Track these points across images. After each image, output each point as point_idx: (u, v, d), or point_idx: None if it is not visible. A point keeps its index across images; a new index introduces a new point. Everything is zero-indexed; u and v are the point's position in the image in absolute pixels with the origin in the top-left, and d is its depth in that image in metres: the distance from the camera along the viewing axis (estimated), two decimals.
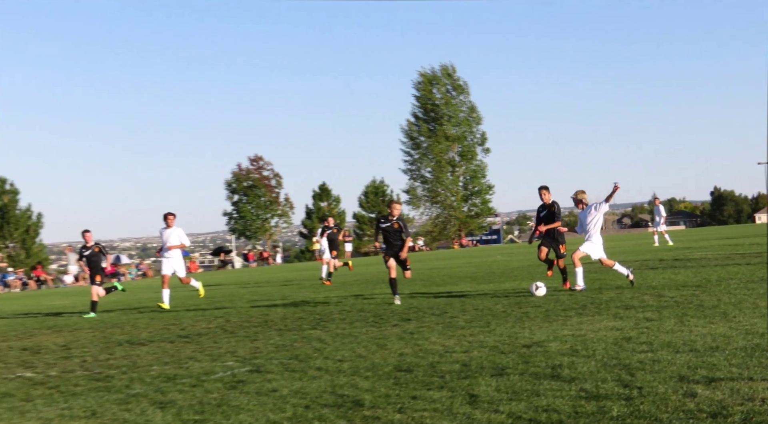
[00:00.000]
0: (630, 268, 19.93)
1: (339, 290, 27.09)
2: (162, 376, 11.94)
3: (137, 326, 20.00)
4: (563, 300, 17.95)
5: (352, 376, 10.65)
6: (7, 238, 75.95)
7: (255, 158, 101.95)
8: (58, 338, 18.55)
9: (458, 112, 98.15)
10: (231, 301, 26.50)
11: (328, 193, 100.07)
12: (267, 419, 8.49)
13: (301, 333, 15.84)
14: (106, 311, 25.92)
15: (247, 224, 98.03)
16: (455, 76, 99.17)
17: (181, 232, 24.97)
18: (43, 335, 19.79)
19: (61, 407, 10.19)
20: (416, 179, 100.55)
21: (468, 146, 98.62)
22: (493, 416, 7.87)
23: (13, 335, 20.21)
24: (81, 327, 20.95)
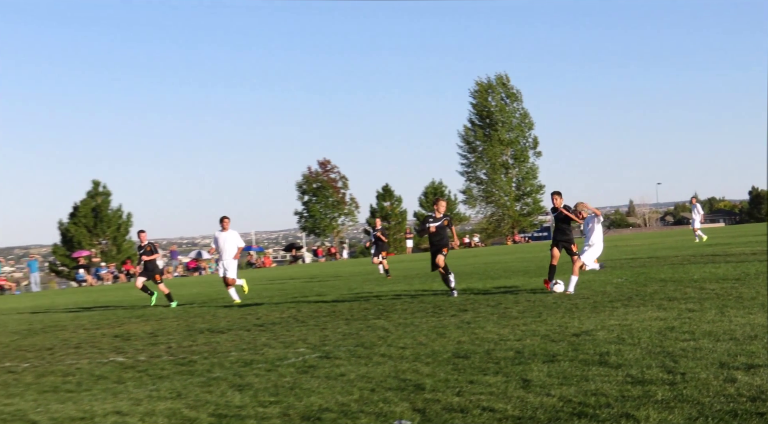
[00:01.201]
0: (563, 284, 19.32)
1: (401, 283, 27.09)
2: (240, 361, 12.03)
3: (217, 315, 20.16)
4: (610, 292, 17.80)
5: (414, 362, 10.65)
6: (100, 235, 76.91)
7: (323, 162, 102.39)
8: (146, 327, 18.77)
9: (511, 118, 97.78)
10: (302, 293, 26.62)
11: (391, 194, 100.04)
12: (336, 401, 8.51)
13: (366, 323, 15.86)
14: (188, 303, 26.16)
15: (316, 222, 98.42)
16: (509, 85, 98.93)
17: (236, 234, 24.38)
18: (133, 323, 20.04)
19: (150, 388, 10.30)
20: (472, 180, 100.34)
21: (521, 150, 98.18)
22: (545, 400, 7.82)
23: (106, 324, 20.49)
24: (166, 317, 21.17)
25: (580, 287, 19.19)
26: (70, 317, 24.49)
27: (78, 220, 76.96)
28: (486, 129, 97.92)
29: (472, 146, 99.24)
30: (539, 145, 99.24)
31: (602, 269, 19.52)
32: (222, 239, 24.08)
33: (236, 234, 24.29)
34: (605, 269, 21.14)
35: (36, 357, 14.73)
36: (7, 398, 10.46)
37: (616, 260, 30.76)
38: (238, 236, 24.41)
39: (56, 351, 15.41)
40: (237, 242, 24.19)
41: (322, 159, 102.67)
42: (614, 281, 20.58)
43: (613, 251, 39.09)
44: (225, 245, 24.06)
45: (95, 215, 77.72)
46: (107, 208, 78.76)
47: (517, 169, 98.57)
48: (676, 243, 42.26)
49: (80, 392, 10.43)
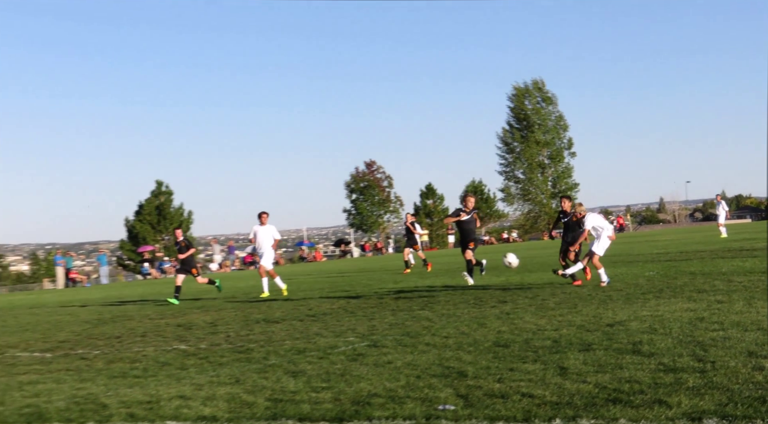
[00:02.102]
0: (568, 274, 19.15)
1: (443, 276, 27.05)
2: (293, 349, 12.09)
3: (272, 306, 20.27)
4: (642, 285, 17.66)
5: (457, 350, 10.64)
6: (163, 232, 77.68)
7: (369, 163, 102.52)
8: (206, 316, 18.91)
9: (547, 120, 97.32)
10: (351, 285, 26.67)
11: (434, 192, 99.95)
12: (384, 387, 8.52)
13: (411, 313, 15.87)
14: (245, 294, 26.30)
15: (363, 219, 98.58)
16: (545, 89, 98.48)
17: (274, 229, 24.21)
18: (194, 313, 20.19)
19: (210, 374, 10.38)
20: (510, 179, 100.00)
21: (556, 150, 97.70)
22: (581, 386, 7.79)
23: (169, 314, 20.67)
24: (225, 307, 21.31)
25: (614, 280, 19.04)
26: (136, 307, 24.75)
27: (143, 217, 77.81)
28: (523, 131, 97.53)
29: (510, 147, 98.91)
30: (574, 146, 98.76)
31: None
32: (261, 232, 24.06)
33: (273, 228, 24.23)
34: None
35: (106, 345, 14.90)
36: (80, 382, 10.59)
37: (648, 254, 30.51)
38: (275, 229, 24.34)
39: (124, 339, 15.57)
40: (274, 234, 24.12)
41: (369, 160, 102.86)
42: (646, 274, 20.42)
43: (645, 246, 38.77)
44: (263, 238, 24.02)
45: (159, 212, 78.52)
46: (170, 206, 79.53)
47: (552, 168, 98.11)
48: (705, 238, 41.80)
49: (146, 378, 10.53)
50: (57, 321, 21.75)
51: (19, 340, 17.18)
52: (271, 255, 24.16)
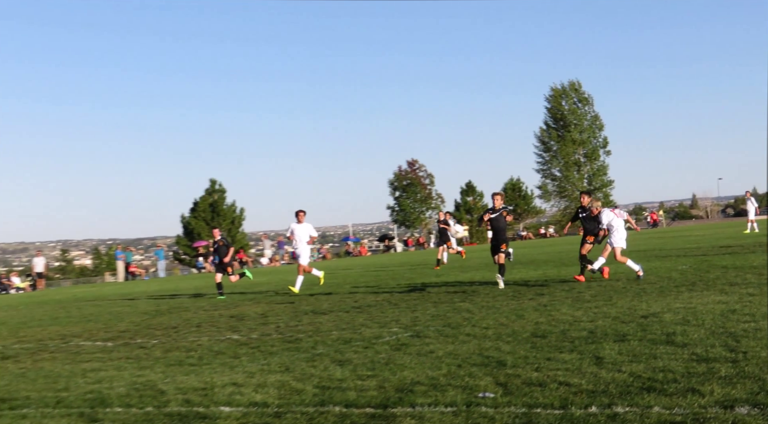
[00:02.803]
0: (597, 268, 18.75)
1: (482, 270, 26.96)
2: (340, 339, 12.11)
3: (319, 299, 20.33)
4: (675, 278, 17.48)
5: (496, 341, 10.60)
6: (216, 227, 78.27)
7: (412, 162, 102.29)
8: (257, 308, 19.01)
9: (583, 120, 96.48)
10: (394, 279, 26.69)
11: (473, 190, 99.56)
12: (426, 376, 8.51)
13: (452, 305, 15.84)
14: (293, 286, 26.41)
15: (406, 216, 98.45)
16: (581, 90, 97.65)
17: (310, 226, 23.90)
18: (246, 305, 20.31)
19: (261, 363, 10.44)
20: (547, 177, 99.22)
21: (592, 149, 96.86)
22: (616, 375, 7.73)
23: (222, 306, 20.81)
24: (275, 299, 21.42)
25: (648, 273, 18.86)
26: (191, 299, 24.95)
27: (198, 214, 78.34)
28: (560, 130, 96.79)
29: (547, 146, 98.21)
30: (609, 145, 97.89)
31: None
32: (297, 230, 23.81)
33: (310, 226, 23.91)
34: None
35: (163, 334, 15.03)
36: (140, 370, 10.70)
37: (680, 248, 30.19)
38: (312, 227, 24.00)
39: (180, 329, 15.70)
40: (310, 232, 23.81)
41: (411, 159, 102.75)
42: (679, 268, 20.21)
43: (678, 241, 38.36)
44: (300, 235, 23.76)
45: (212, 209, 78.99)
46: (223, 203, 79.97)
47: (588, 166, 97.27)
48: (736, 233, 41.23)
49: (201, 366, 10.62)
50: (117, 312, 21.99)
51: (83, 330, 17.39)
52: (307, 252, 24.00)
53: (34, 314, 24.38)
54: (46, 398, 9.15)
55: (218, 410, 7.71)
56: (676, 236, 46.05)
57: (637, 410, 6.42)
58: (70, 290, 48.41)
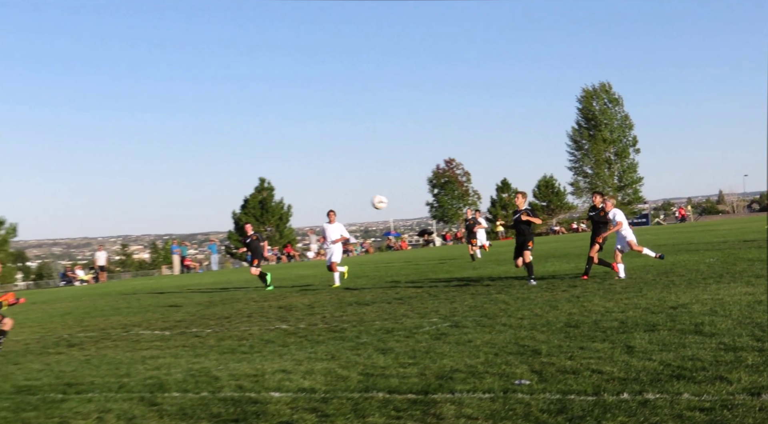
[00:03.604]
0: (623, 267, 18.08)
1: None
2: (383, 329, 12.13)
3: (363, 291, 20.36)
4: (703, 271, 17.28)
5: (531, 330, 10.56)
6: (266, 223, 78.51)
7: (449, 160, 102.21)
8: (305, 299, 19.08)
9: (613, 120, 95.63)
10: (433, 272, 26.66)
11: (508, 187, 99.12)
12: (465, 364, 8.50)
13: (489, 297, 15.79)
14: None
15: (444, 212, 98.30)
16: (611, 91, 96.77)
17: (341, 226, 23.81)
18: (294, 297, 20.39)
19: (309, 351, 10.48)
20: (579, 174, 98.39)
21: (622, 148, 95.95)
22: (647, 364, 7.66)
23: (271, 297, 20.91)
24: (321, 291, 21.48)
25: (677, 266, 18.67)
26: (242, 291, 25.11)
27: (248, 210, 78.88)
28: (591, 130, 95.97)
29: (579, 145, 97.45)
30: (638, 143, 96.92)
31: None
32: (329, 230, 23.71)
33: (341, 225, 23.81)
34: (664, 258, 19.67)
35: (216, 324, 15.14)
36: (195, 357, 10.79)
37: (708, 242, 29.81)
38: (343, 227, 23.90)
39: (232, 319, 15.80)
40: (341, 231, 23.71)
41: (448, 158, 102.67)
42: (706, 261, 19.97)
43: (705, 235, 37.90)
44: (330, 235, 23.66)
45: (261, 206, 79.48)
46: (271, 200, 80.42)
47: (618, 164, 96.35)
48: (760, 227, 40.63)
49: (252, 354, 10.68)
50: (174, 303, 22.19)
51: (142, 319, 17.57)
52: (338, 251, 23.77)
53: (97, 304, 24.70)
54: (109, 383, 9.27)
55: (269, 395, 7.75)
56: (703, 231, 45.49)
57: (668, 397, 6.37)
58: (129, 283, 48.98)
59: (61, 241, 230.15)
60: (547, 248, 37.22)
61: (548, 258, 27.88)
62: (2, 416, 7.89)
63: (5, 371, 11.00)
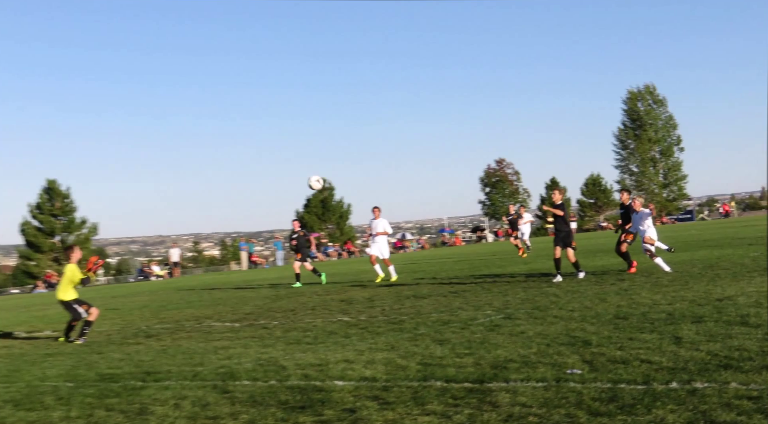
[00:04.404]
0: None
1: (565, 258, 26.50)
2: (439, 321, 12.10)
3: (420, 285, 20.34)
4: (747, 264, 16.91)
5: (581, 322, 10.44)
6: (327, 221, 78.99)
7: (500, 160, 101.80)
8: (364, 293, 19.12)
9: (658, 120, 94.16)
10: (486, 266, 26.53)
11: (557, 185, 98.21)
12: (518, 354, 8.44)
13: (540, 290, 15.66)
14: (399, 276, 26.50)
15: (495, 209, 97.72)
16: (655, 93, 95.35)
17: (386, 222, 23.59)
18: (354, 290, 20.45)
19: (369, 342, 10.50)
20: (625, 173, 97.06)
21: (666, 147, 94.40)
22: (695, 354, 7.52)
23: (333, 291, 20.99)
24: (380, 285, 21.50)
25: (722, 260, 18.30)
26: (306, 285, 25.25)
27: (310, 209, 79.46)
28: (636, 130, 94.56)
29: (625, 144, 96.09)
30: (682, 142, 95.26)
31: None
32: (373, 225, 23.71)
33: (385, 221, 23.64)
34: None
35: (282, 316, 15.25)
36: (263, 348, 10.89)
37: (752, 237, 29.15)
38: (387, 222, 23.69)
39: (297, 312, 15.90)
40: (385, 227, 23.55)
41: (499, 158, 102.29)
42: (751, 255, 19.54)
43: (749, 230, 37.09)
44: (376, 230, 23.61)
45: (323, 205, 79.96)
46: (332, 200, 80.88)
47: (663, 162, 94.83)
48: None
49: (317, 344, 10.74)
50: (242, 297, 22.42)
51: (213, 312, 17.78)
52: (383, 245, 23.63)
53: (172, 298, 25.06)
54: (184, 371, 9.40)
55: (333, 383, 7.79)
56: (747, 226, 44.53)
57: (716, 386, 6.24)
58: (201, 278, 49.61)
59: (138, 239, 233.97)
60: (595, 243, 36.79)
61: (596, 253, 27.54)
62: (88, 402, 8.05)
63: (89, 360, 11.23)
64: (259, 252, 75.31)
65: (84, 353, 12.13)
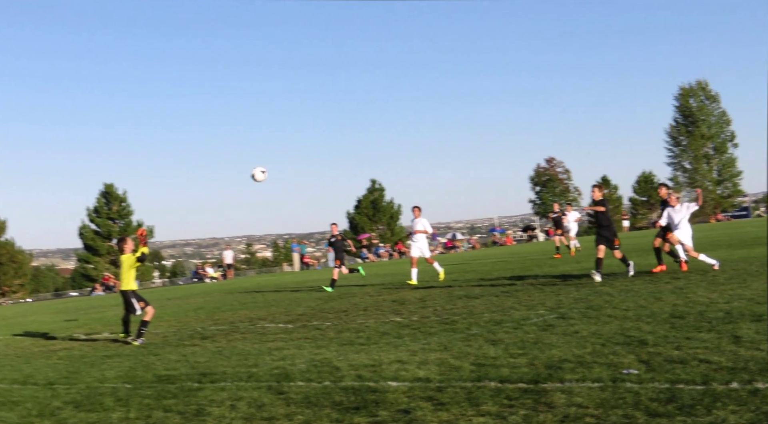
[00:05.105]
0: (717, 260, 17.32)
1: None
2: (492, 321, 12.01)
3: (471, 285, 20.23)
4: None
5: (636, 321, 10.27)
6: (377, 222, 79.13)
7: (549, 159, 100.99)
8: (417, 293, 19.06)
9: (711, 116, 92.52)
10: (538, 265, 26.28)
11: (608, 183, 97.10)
12: (573, 354, 8.33)
13: (593, 289, 15.46)
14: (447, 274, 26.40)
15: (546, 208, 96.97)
16: (708, 88, 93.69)
17: (426, 221, 23.34)
18: (406, 291, 20.41)
19: (422, 342, 10.46)
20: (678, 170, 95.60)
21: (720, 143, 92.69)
22: (755, 353, 7.34)
23: (385, 291, 20.98)
24: (431, 286, 21.42)
25: None
26: (358, 286, 25.30)
27: (361, 210, 79.65)
28: (689, 127, 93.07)
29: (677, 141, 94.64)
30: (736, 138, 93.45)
31: None
32: (413, 224, 23.46)
33: (425, 220, 23.40)
34: None
35: (335, 317, 15.28)
36: (317, 349, 10.92)
37: None
38: (427, 222, 23.45)
39: (349, 313, 15.91)
40: (425, 225, 23.32)
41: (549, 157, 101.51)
42: None
43: None
44: (415, 229, 23.38)
45: (373, 206, 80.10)
46: (382, 200, 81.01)
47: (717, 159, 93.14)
48: None
49: (370, 345, 10.73)
50: (295, 298, 22.54)
51: (267, 313, 17.89)
52: (423, 244, 23.42)
53: (226, 300, 25.30)
54: (239, 372, 9.46)
55: (387, 384, 7.77)
56: None
57: None
58: (254, 279, 50.02)
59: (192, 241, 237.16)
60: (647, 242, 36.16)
61: (649, 251, 27.08)
62: (146, 403, 8.14)
63: (147, 362, 11.37)
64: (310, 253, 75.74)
65: (141, 355, 12.30)
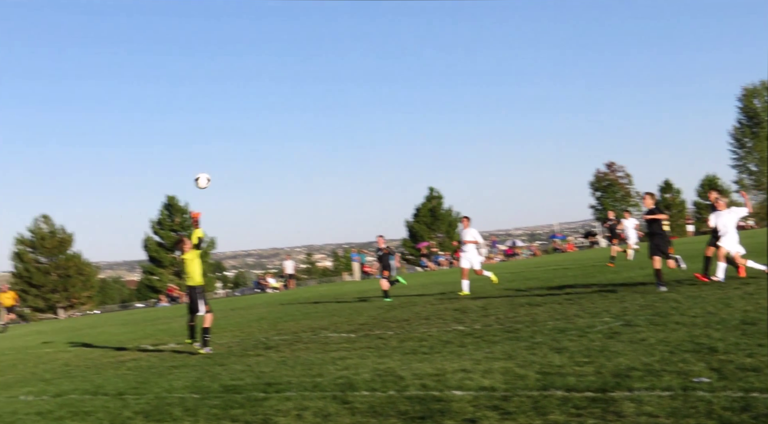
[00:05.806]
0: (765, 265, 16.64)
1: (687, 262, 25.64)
2: (555, 329, 11.87)
3: (533, 293, 20.03)
4: None
5: (705, 328, 10.05)
6: (436, 230, 79.03)
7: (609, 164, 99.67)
8: (478, 302, 18.94)
9: None
10: (601, 272, 25.91)
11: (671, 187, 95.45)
12: (640, 362, 8.18)
13: (659, 295, 15.18)
14: (509, 281, 26.15)
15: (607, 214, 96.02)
16: None
17: (475, 231, 23.18)
18: (467, 299, 20.30)
19: (485, 351, 10.39)
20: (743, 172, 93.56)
21: None
22: None
23: (447, 300, 20.90)
24: (492, 294, 21.25)
25: None
26: (418, 295, 25.26)
27: (419, 218, 79.65)
28: (753, 128, 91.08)
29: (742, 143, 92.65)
30: None
31: None
32: (463, 235, 23.26)
33: (474, 230, 23.23)
34: None
35: (397, 326, 15.27)
36: (380, 358, 10.92)
37: None
38: (476, 232, 23.28)
39: (411, 322, 15.88)
40: (474, 236, 23.14)
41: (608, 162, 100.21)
42: None
43: None
44: (465, 239, 23.11)
45: (432, 214, 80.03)
46: (440, 208, 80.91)
47: None
48: None
49: (433, 354, 10.70)
50: (357, 307, 22.59)
51: (329, 323, 17.96)
52: (473, 255, 23.14)
53: (288, 310, 25.48)
54: (304, 382, 9.51)
55: (451, 393, 7.73)
56: None
57: None
58: (315, 289, 50.31)
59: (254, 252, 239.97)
60: None
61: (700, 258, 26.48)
62: (213, 413, 8.23)
63: (213, 372, 11.51)
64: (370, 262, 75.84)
65: (207, 365, 12.45)
